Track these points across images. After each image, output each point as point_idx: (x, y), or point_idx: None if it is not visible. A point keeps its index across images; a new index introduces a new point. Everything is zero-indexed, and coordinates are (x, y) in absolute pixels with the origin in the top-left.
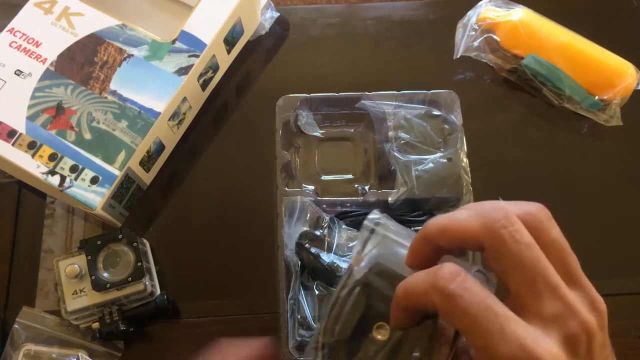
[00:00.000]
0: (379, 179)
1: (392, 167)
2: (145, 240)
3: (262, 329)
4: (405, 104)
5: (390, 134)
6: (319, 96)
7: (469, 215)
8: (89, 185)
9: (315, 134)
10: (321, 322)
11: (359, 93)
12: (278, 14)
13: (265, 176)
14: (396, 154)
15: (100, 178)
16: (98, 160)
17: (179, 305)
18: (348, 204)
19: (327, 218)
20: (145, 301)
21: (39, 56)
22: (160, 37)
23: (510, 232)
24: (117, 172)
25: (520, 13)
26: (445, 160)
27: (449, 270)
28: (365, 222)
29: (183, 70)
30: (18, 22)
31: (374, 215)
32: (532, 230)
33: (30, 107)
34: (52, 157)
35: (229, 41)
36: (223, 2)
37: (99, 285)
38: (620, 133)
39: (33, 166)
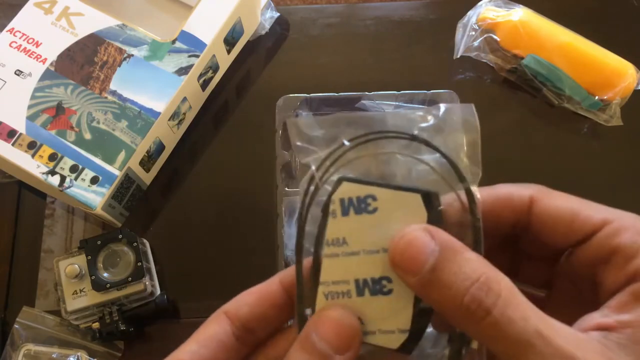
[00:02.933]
0: None
1: None
2: (145, 240)
3: None
4: (405, 104)
5: None
6: (319, 96)
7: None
8: (89, 185)
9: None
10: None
11: (359, 93)
12: (278, 14)
13: (265, 176)
14: None
15: (100, 178)
16: (98, 160)
17: (179, 305)
18: None
19: None
20: (145, 301)
21: (39, 56)
22: (160, 37)
23: None
24: (117, 172)
25: (520, 13)
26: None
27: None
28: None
29: (183, 70)
30: (18, 22)
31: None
32: None
33: (30, 107)
34: (52, 157)
35: (229, 41)
36: (223, 2)
37: (99, 285)
38: (620, 133)
39: (33, 166)
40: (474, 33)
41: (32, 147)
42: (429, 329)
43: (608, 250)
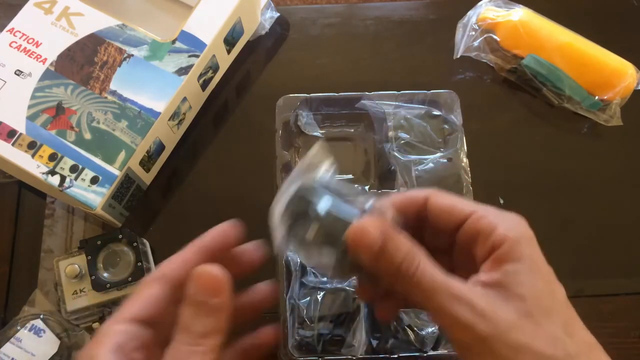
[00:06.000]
0: (379, 179)
1: (392, 167)
2: (145, 240)
3: None
4: (405, 104)
5: (390, 134)
6: (319, 96)
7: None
8: (89, 185)
9: (315, 134)
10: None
11: (359, 93)
12: (278, 14)
13: (265, 176)
14: (396, 154)
15: (100, 178)
16: (98, 160)
17: None
18: None
19: None
20: None
21: (39, 56)
22: (160, 37)
23: None
24: (117, 172)
25: (520, 13)
26: (445, 160)
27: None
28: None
29: (183, 70)
30: (18, 22)
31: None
32: None
33: (30, 107)
34: (52, 157)
35: (229, 41)
36: (223, 2)
37: (99, 285)
38: (620, 133)
39: (33, 166)
40: (474, 33)
41: (32, 147)
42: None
43: (474, 231)
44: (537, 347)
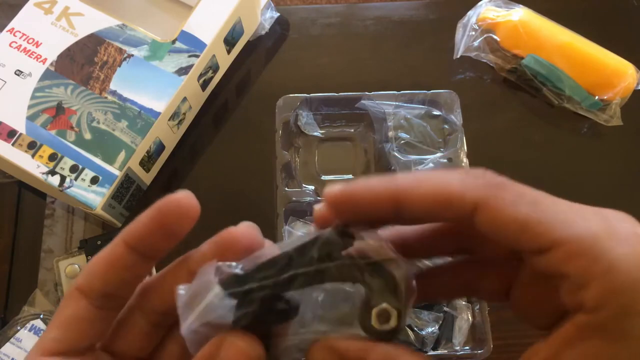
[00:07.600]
0: None
1: (392, 167)
2: None
3: None
4: (405, 104)
5: (390, 134)
6: (319, 96)
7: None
8: (89, 185)
9: (315, 134)
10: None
11: (359, 93)
12: (278, 14)
13: (265, 176)
14: (396, 154)
15: (100, 178)
16: (98, 160)
17: None
18: None
19: None
20: None
21: (39, 56)
22: (160, 37)
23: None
24: (117, 172)
25: (520, 13)
26: (445, 160)
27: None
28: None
29: (183, 70)
30: (18, 22)
31: None
32: None
33: (30, 107)
34: (52, 157)
35: (229, 41)
36: (223, 2)
37: None
38: (620, 133)
39: (33, 166)
40: (474, 33)
41: (32, 147)
42: None
43: (558, 273)
44: None
